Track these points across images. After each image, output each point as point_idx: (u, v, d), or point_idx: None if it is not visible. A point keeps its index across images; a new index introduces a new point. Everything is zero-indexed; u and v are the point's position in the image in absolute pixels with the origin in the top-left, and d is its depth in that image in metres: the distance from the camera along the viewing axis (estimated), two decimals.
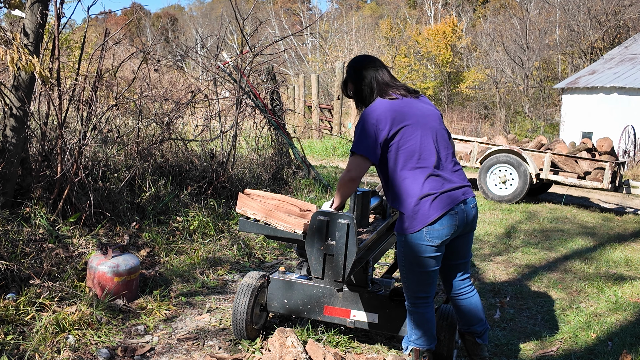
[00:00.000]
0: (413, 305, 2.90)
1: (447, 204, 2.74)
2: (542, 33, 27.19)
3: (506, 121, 26.44)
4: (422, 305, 2.88)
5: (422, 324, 2.89)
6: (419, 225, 2.72)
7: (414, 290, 2.87)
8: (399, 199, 2.78)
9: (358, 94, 2.97)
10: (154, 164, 5.74)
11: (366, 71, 2.91)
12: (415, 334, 2.92)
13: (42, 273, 3.74)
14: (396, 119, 2.75)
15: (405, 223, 2.76)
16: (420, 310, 2.88)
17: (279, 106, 8.11)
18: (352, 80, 2.97)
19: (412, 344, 2.94)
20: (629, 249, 6.27)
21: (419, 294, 2.87)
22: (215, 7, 52.31)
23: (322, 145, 13.95)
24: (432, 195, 2.72)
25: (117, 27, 5.68)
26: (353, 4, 47.36)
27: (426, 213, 2.71)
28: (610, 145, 9.12)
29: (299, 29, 29.06)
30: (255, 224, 3.14)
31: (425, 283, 2.85)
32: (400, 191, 2.77)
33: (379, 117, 2.74)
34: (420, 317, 2.89)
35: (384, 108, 2.78)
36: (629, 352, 3.42)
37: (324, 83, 28.36)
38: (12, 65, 3.53)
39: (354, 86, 2.98)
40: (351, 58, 3.12)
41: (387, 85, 2.88)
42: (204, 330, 3.59)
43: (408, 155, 2.74)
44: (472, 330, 3.03)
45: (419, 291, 2.86)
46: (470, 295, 3.00)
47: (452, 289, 3.01)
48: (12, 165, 4.19)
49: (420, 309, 2.88)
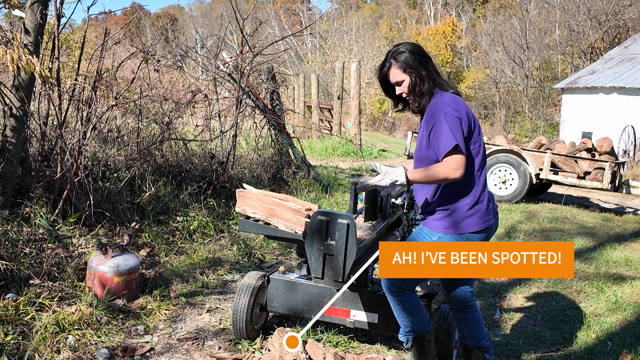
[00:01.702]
0: (399, 294, 2.78)
1: (491, 217, 2.69)
2: (542, 33, 27.21)
3: (506, 121, 26.45)
4: (408, 292, 2.80)
5: (413, 308, 2.82)
6: (466, 229, 2.64)
7: (407, 283, 2.78)
8: (455, 198, 2.64)
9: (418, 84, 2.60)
10: (153, 164, 5.74)
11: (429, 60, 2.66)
12: (410, 321, 2.83)
13: (42, 273, 3.74)
14: (470, 117, 2.62)
15: (451, 222, 2.65)
16: (406, 296, 2.79)
17: (278, 106, 8.11)
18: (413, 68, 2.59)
19: (411, 334, 2.86)
20: (629, 249, 6.27)
21: (407, 285, 2.79)
22: (215, 7, 52.30)
23: (322, 145, 13.95)
24: (487, 203, 2.68)
25: (117, 27, 5.68)
26: (353, 4, 47.37)
27: (477, 221, 2.65)
28: (610, 145, 9.11)
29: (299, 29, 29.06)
30: (255, 223, 3.14)
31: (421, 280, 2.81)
32: (461, 190, 2.64)
33: (464, 110, 2.57)
34: (409, 303, 2.80)
35: (461, 101, 2.63)
36: (629, 352, 3.42)
37: (324, 83, 28.37)
38: (12, 65, 3.53)
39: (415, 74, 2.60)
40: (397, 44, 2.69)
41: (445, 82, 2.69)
42: (203, 330, 3.59)
43: (480, 153, 2.64)
44: (480, 344, 2.88)
45: (412, 284, 2.80)
46: (476, 307, 2.91)
47: (460, 302, 2.87)
48: (12, 165, 4.19)
49: (407, 295, 2.79)
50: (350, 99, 15.27)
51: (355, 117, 13.92)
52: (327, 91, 28.93)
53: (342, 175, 10.04)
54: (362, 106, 20.34)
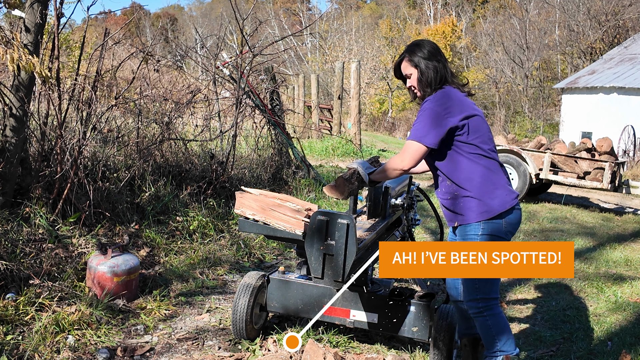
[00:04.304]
0: (488, 309, 2.67)
1: (515, 197, 2.71)
2: (542, 33, 27.22)
3: (506, 121, 26.46)
4: (496, 306, 2.69)
5: (504, 325, 2.69)
6: (499, 209, 2.62)
7: (487, 292, 2.66)
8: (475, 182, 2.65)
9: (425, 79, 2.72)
10: (153, 164, 5.73)
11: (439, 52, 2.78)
12: (501, 340, 2.68)
13: (42, 273, 3.74)
14: (468, 107, 2.68)
15: (482, 208, 2.63)
16: (495, 311, 2.67)
17: (278, 106, 8.11)
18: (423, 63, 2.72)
19: (501, 354, 2.68)
20: (629, 249, 6.27)
21: (492, 294, 2.67)
22: (215, 7, 52.32)
23: (322, 145, 13.95)
24: (509, 184, 2.71)
25: (117, 27, 5.68)
26: (353, 4, 47.37)
27: (505, 199, 2.65)
28: (610, 145, 9.11)
29: (299, 29, 29.06)
30: (255, 224, 3.14)
31: (497, 281, 2.70)
32: (479, 173, 2.65)
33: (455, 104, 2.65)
34: (500, 319, 2.68)
35: (458, 94, 2.70)
36: (629, 352, 3.42)
37: (324, 83, 28.37)
38: (12, 65, 3.53)
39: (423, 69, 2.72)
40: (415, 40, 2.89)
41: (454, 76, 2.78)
42: (203, 330, 3.59)
43: (484, 141, 2.67)
44: None
45: (493, 291, 2.68)
46: None
47: None
48: (12, 165, 4.18)
49: (495, 309, 2.68)
50: (350, 99, 15.28)
51: (355, 117, 13.92)
52: (327, 91, 28.93)
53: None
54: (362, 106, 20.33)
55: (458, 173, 2.68)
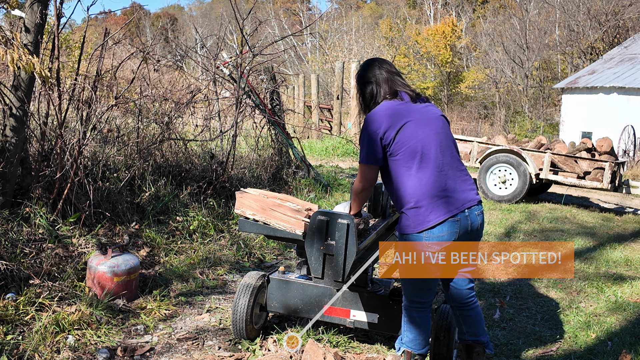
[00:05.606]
0: (407, 307, 2.86)
1: (449, 210, 2.64)
2: (542, 33, 27.20)
3: (506, 121, 26.46)
4: (416, 309, 2.83)
5: (414, 326, 2.84)
6: (419, 227, 2.64)
7: (410, 293, 2.83)
8: (401, 199, 2.71)
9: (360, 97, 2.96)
10: (153, 163, 5.73)
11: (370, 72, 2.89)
12: (407, 336, 2.87)
13: (42, 273, 3.74)
14: (395, 118, 2.70)
15: (404, 222, 2.70)
16: (413, 313, 2.83)
17: (278, 106, 8.11)
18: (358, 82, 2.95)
19: (404, 346, 2.89)
20: (629, 249, 6.27)
21: (414, 297, 2.82)
22: (215, 7, 52.31)
23: (322, 145, 13.95)
24: (433, 198, 2.64)
25: (117, 27, 5.68)
26: (353, 4, 47.36)
27: (427, 217, 2.63)
28: (610, 145, 9.12)
29: (299, 29, 29.06)
30: (255, 223, 3.14)
31: (421, 288, 2.79)
32: (401, 191, 2.70)
33: (378, 120, 2.71)
34: (413, 320, 2.84)
35: (384, 108, 2.75)
36: (629, 352, 3.42)
37: (324, 83, 28.35)
38: (12, 65, 3.52)
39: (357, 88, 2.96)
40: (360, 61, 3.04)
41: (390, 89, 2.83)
42: (203, 330, 3.59)
43: (410, 154, 2.67)
44: (480, 340, 2.90)
45: (414, 295, 2.82)
46: (476, 304, 2.91)
47: (458, 300, 2.87)
48: (12, 165, 4.18)
49: (414, 312, 2.83)
50: (350, 98, 15.28)
51: (355, 117, 13.92)
52: (327, 91, 28.91)
53: (342, 175, 10.04)
54: None
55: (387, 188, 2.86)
